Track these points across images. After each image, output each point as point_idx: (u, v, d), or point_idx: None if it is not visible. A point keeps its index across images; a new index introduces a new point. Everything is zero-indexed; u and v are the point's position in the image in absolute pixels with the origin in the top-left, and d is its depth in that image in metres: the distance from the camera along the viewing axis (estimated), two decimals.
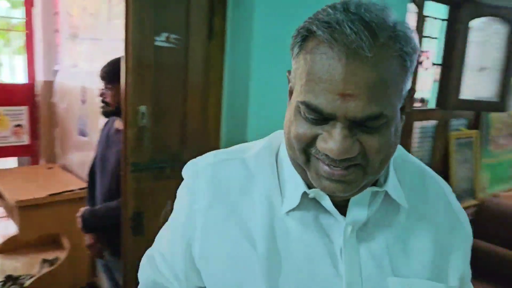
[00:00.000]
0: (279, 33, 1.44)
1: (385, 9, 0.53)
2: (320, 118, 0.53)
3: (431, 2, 2.27)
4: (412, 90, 0.59)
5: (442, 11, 2.48)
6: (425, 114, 2.44)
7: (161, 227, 1.39)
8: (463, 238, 0.69)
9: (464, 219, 0.70)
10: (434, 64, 2.42)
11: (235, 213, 0.63)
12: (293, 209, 0.62)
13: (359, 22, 0.50)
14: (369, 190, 0.61)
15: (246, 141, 1.38)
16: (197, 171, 0.68)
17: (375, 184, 0.63)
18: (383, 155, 0.55)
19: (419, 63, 1.95)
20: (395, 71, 0.52)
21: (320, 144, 0.54)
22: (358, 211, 0.61)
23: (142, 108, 1.23)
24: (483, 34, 2.57)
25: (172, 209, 0.72)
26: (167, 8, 1.24)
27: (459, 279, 0.67)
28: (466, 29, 2.42)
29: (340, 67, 0.50)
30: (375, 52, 0.50)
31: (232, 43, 1.38)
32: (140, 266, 0.80)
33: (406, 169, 0.68)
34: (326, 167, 0.55)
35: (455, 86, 2.47)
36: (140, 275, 0.80)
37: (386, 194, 0.63)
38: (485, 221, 2.54)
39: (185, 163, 0.69)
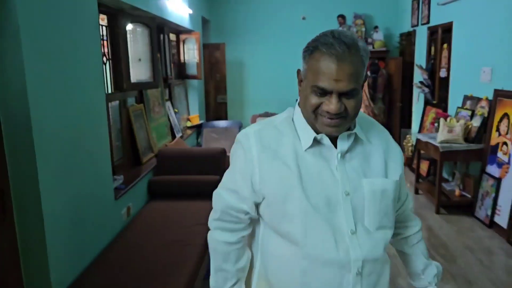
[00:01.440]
0: (46, 43, 1.90)
1: (352, 33, 1.03)
2: (324, 93, 1.00)
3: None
4: (366, 75, 1.07)
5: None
6: (113, 97, 3.25)
7: None
8: (395, 153, 1.17)
9: (394, 143, 1.19)
10: (108, 59, 3.22)
11: (276, 155, 1.09)
12: (308, 148, 1.08)
13: (342, 43, 0.97)
14: (346, 133, 1.08)
15: (30, 129, 1.83)
16: (247, 136, 1.12)
17: (349, 129, 1.09)
18: (355, 110, 1.03)
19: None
20: (359, 66, 0.99)
21: (324, 107, 1.01)
22: (342, 144, 1.09)
23: None
24: (135, 35, 3.58)
25: None
26: None
27: (399, 176, 1.15)
28: (124, 32, 3.35)
29: (334, 66, 0.97)
30: (351, 58, 0.97)
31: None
32: (213, 202, 1.22)
33: (365, 121, 1.17)
34: (327, 120, 1.02)
35: (126, 73, 3.38)
36: (215, 205, 1.21)
37: (356, 135, 1.10)
38: (163, 163, 3.66)
39: None
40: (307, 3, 6.92)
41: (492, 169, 3.90)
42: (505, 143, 3.75)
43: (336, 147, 1.09)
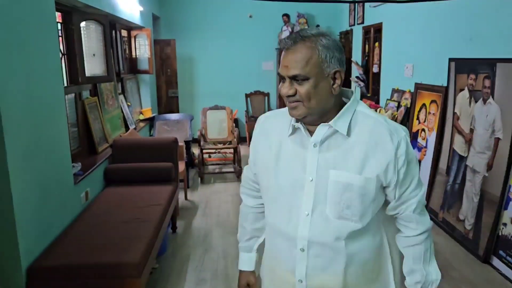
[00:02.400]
0: (11, 39, 2.12)
1: (315, 30, 1.13)
2: (282, 78, 1.14)
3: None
4: (337, 71, 1.12)
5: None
6: (69, 90, 3.45)
7: None
8: (383, 152, 1.14)
9: (390, 144, 1.13)
10: (63, 54, 3.41)
11: (267, 139, 1.28)
12: (290, 135, 1.22)
13: (293, 37, 1.12)
14: (323, 125, 1.15)
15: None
16: (259, 120, 1.36)
17: (327, 122, 1.15)
18: (307, 97, 1.11)
19: None
20: (308, 55, 1.09)
21: (280, 91, 1.14)
22: (317, 135, 1.16)
23: None
24: (88, 31, 3.78)
25: None
26: None
27: (376, 176, 1.14)
28: (78, 28, 3.55)
29: (284, 55, 1.11)
30: (298, 48, 1.09)
31: None
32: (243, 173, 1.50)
33: (362, 116, 1.17)
34: (288, 103, 1.15)
35: (81, 68, 3.59)
36: (242, 175, 1.50)
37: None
38: (118, 152, 3.89)
39: None
40: (254, 2, 7.27)
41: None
42: (423, 130, 4.32)
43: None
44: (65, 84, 3.44)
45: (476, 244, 3.29)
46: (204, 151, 5.65)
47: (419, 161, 4.32)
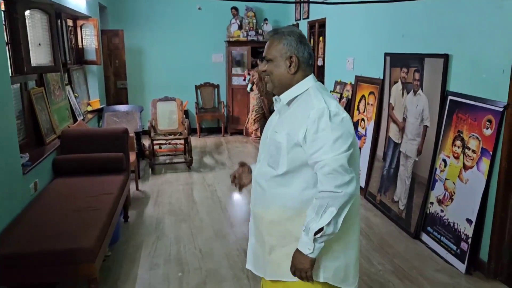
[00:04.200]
0: None
1: (289, 27, 1.58)
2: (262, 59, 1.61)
3: None
4: (291, 56, 1.50)
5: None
6: (14, 79, 3.39)
7: None
8: (299, 118, 1.46)
9: (312, 117, 1.42)
10: (7, 43, 3.34)
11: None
12: (275, 104, 1.62)
13: (271, 31, 1.57)
14: (279, 97, 1.59)
15: None
16: None
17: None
18: (271, 72, 1.55)
19: None
20: (274, 45, 1.52)
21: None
22: (276, 106, 1.62)
23: None
24: (33, 20, 3.71)
25: None
26: None
27: (287, 133, 1.48)
28: (23, 17, 3.48)
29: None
30: (270, 39, 1.54)
31: None
32: None
33: (305, 95, 1.52)
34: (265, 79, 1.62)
35: (26, 57, 3.53)
36: None
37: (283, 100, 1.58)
38: (67, 143, 3.86)
39: None
40: None
41: None
42: (363, 119, 4.64)
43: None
44: (10, 74, 3.38)
45: (408, 222, 3.63)
46: (154, 142, 5.68)
47: (360, 149, 4.64)
